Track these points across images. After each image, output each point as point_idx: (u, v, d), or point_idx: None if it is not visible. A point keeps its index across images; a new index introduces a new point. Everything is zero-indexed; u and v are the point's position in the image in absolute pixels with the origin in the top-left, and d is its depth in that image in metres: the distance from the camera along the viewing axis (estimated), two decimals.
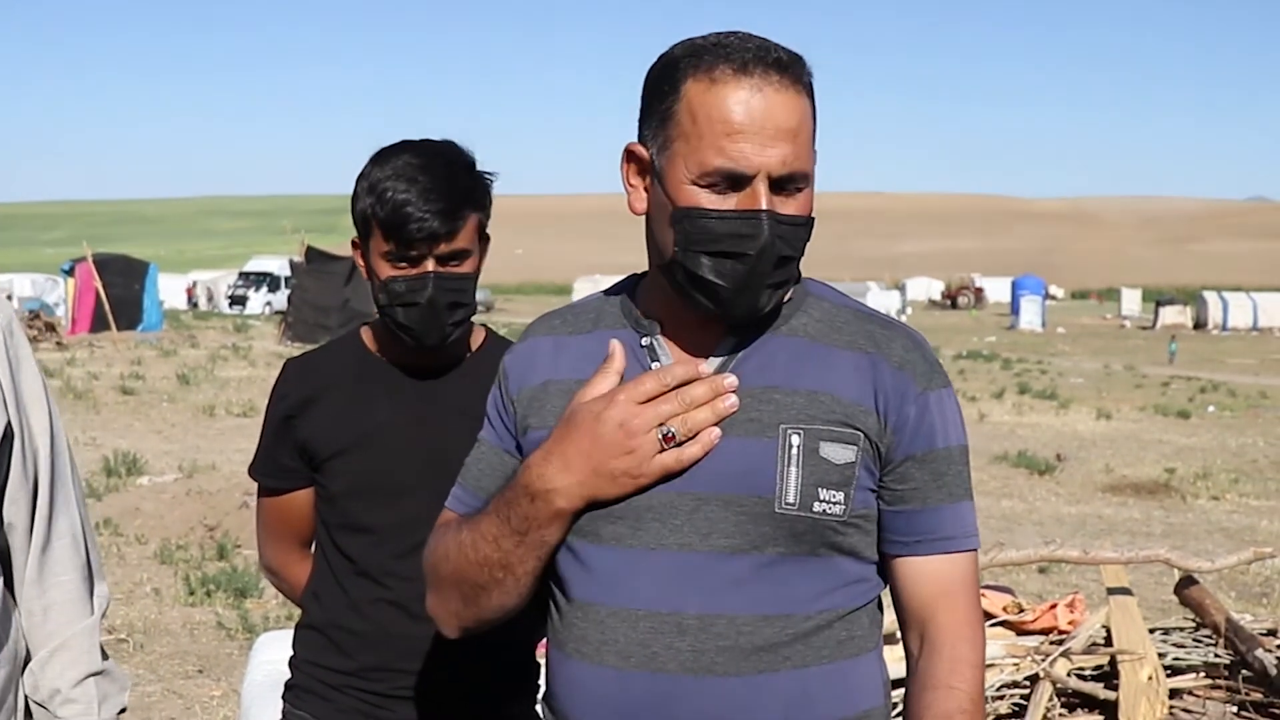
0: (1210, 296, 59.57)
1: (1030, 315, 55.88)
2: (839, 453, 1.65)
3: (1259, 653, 4.66)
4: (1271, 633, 5.02)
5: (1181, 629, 5.16)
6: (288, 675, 2.50)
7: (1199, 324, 56.85)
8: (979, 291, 77.84)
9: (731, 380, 1.66)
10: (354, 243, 2.38)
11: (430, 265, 2.27)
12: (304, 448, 2.39)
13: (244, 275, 57.97)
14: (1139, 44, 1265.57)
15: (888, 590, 1.79)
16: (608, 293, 1.85)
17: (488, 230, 2.39)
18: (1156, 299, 63.83)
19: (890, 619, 2.26)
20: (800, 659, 1.65)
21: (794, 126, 1.62)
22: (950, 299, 77.36)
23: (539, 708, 1.89)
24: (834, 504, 1.65)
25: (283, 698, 2.48)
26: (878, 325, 1.74)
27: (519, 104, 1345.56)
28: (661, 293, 1.74)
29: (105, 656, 1.97)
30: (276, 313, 44.52)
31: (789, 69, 1.63)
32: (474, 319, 2.47)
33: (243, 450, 12.78)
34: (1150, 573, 8.44)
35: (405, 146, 2.32)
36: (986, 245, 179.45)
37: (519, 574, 1.71)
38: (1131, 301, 71.41)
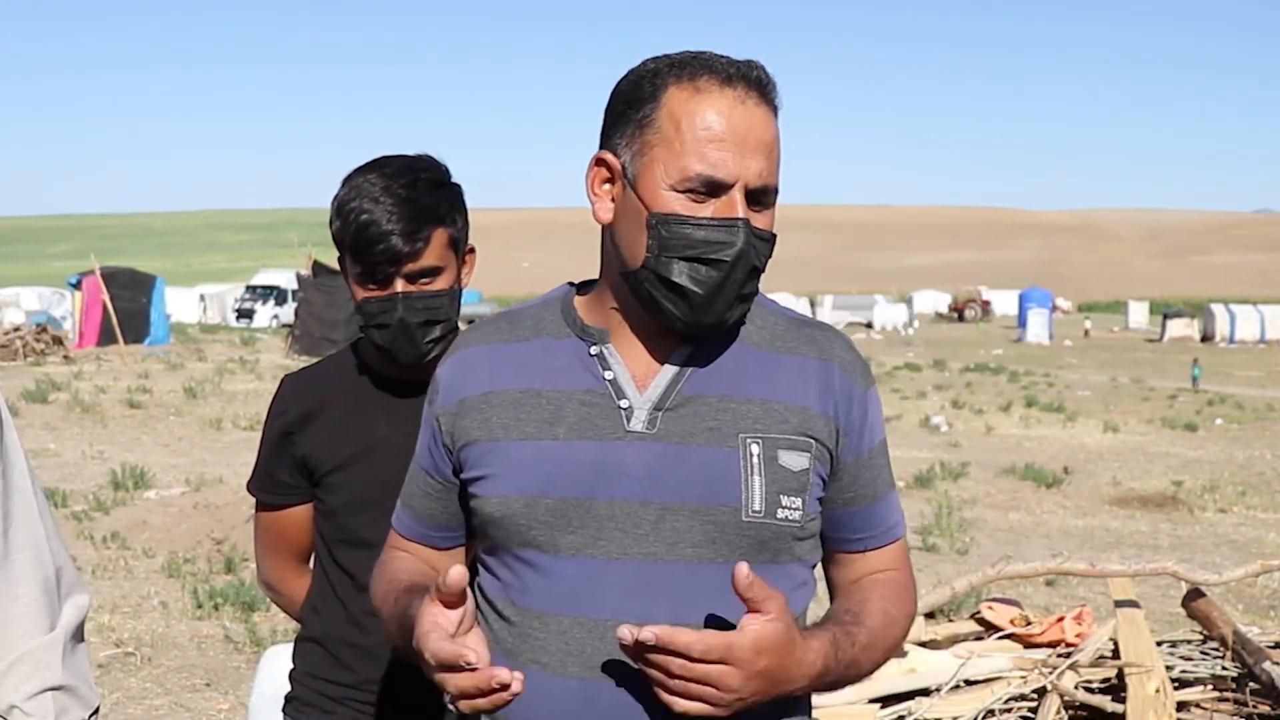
0: (1217, 309, 59.46)
1: (1037, 328, 55.86)
2: (795, 460, 1.69)
3: (1266, 665, 4.65)
4: (1279, 645, 5.01)
5: (1189, 642, 5.15)
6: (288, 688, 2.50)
7: (1206, 336, 56.79)
8: (986, 304, 77.74)
9: (515, 678, 1.51)
10: (339, 261, 2.36)
11: (399, 285, 2.26)
12: (303, 463, 2.40)
13: (251, 289, 58.05)
14: (1145, 56, 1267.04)
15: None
16: (543, 301, 1.85)
17: (469, 243, 2.36)
18: (1164, 311, 63.72)
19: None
20: None
21: (769, 142, 1.66)
22: (957, 311, 77.27)
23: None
24: (793, 510, 1.69)
25: (283, 710, 2.49)
26: (816, 329, 1.79)
27: (526, 117, 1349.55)
28: (613, 302, 1.74)
29: (75, 673, 1.86)
30: (283, 326, 44.54)
31: (766, 90, 1.67)
32: None
33: (249, 464, 12.63)
34: (1157, 585, 8.42)
35: (371, 166, 2.30)
36: (992, 257, 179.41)
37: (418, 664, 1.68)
38: (1139, 314, 71.31)
